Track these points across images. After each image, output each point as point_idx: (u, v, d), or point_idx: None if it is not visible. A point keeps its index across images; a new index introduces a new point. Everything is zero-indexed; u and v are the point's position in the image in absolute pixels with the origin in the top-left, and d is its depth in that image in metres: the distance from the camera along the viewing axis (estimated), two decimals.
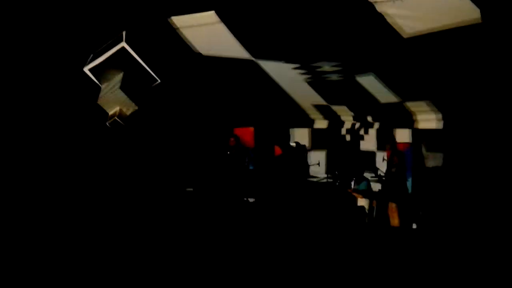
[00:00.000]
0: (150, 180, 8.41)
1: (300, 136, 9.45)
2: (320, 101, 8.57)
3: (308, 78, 7.92)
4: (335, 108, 8.76)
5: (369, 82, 7.53)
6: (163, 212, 7.29)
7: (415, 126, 8.17)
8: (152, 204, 7.63)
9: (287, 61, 7.57)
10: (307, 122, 9.40)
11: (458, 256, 5.62)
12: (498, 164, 6.72)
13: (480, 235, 6.21)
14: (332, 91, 8.19)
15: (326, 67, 7.44)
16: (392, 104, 7.92)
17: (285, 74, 7.97)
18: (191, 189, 8.96)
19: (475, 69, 6.43)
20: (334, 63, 7.32)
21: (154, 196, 8.04)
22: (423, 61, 6.60)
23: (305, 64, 7.55)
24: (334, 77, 7.67)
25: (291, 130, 9.61)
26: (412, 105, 7.88)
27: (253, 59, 7.69)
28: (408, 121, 8.19)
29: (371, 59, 6.97)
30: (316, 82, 7.97)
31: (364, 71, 7.34)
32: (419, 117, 8.07)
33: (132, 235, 6.00)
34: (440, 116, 7.77)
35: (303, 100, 8.74)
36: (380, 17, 5.98)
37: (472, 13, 5.53)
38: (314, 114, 9.18)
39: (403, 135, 8.29)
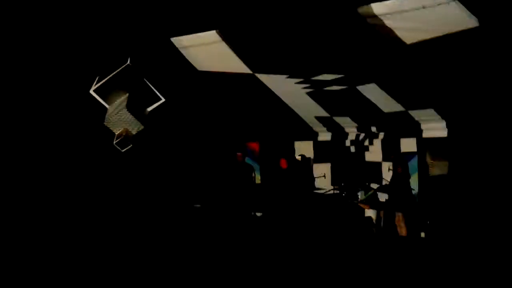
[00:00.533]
0: (158, 197, 8.53)
1: (304, 149, 9.38)
2: (322, 113, 8.59)
3: (308, 89, 7.87)
4: (338, 119, 8.78)
5: (371, 91, 7.50)
6: (171, 227, 7.41)
7: (422, 135, 8.14)
8: (160, 219, 7.77)
9: (289, 75, 7.57)
10: (310, 135, 9.44)
11: (466, 263, 5.64)
12: (502, 170, 6.76)
13: (487, 242, 6.23)
14: (334, 102, 8.18)
15: (326, 76, 7.35)
16: (396, 113, 7.91)
17: (284, 86, 7.96)
18: (199, 205, 9.03)
19: (476, 74, 6.38)
20: (335, 75, 7.26)
21: (163, 212, 8.17)
22: (425, 68, 6.54)
23: (306, 76, 7.51)
24: (335, 87, 7.58)
25: (295, 143, 9.57)
26: (417, 114, 7.87)
27: (252, 73, 7.70)
28: (414, 130, 8.17)
29: (372, 68, 6.86)
30: (316, 93, 7.95)
31: (365, 81, 7.29)
32: (425, 126, 8.05)
33: (140, 250, 6.12)
34: (444, 124, 7.76)
35: (305, 112, 8.75)
36: (380, 27, 5.91)
37: (469, 21, 5.53)
38: (317, 126, 9.23)
39: (409, 145, 8.26)
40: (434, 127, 7.92)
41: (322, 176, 9.04)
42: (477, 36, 5.64)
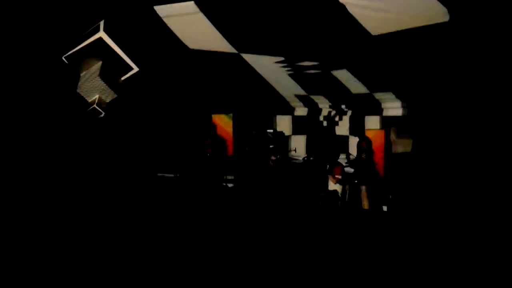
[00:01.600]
0: (127, 166, 8.32)
1: (283, 122, 9.90)
2: (301, 91, 9.10)
3: (289, 71, 8.41)
4: (314, 97, 9.28)
5: (343, 76, 8.09)
6: (142, 197, 7.29)
7: (383, 114, 8.66)
8: (128, 189, 7.58)
9: (272, 54, 7.94)
10: (288, 109, 9.87)
11: (425, 235, 5.94)
12: (458, 149, 7.00)
13: (445, 215, 6.51)
14: (311, 83, 8.70)
15: (306, 63, 7.97)
16: (362, 94, 8.51)
17: (268, 67, 8.36)
18: (172, 175, 9.00)
19: (433, 63, 6.88)
20: (313, 62, 7.87)
21: (131, 182, 7.99)
22: (388, 57, 7.07)
23: (288, 60, 8.04)
24: (313, 71, 8.18)
25: (276, 117, 9.96)
26: (379, 95, 8.46)
27: (237, 52, 7.94)
28: (377, 109, 8.71)
29: (345, 57, 7.50)
30: (297, 74, 8.48)
31: (338, 67, 7.89)
32: (386, 105, 8.61)
33: (108, 220, 6.09)
34: (400, 104, 8.33)
35: (285, 90, 9.23)
36: (352, 19, 6.40)
37: (440, 14, 5.93)
38: (294, 102, 9.64)
39: (373, 122, 8.71)
40: (395, 107, 8.46)
41: (293, 150, 9.50)
42: (439, 28, 6.09)
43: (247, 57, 8.08)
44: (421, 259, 5.15)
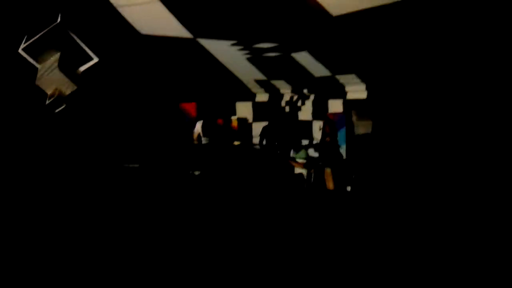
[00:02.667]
0: (92, 158, 8.25)
1: (244, 109, 9.83)
2: (261, 76, 8.91)
3: (247, 55, 8.19)
4: (274, 82, 9.14)
5: (303, 58, 7.92)
6: (107, 189, 7.22)
7: (346, 97, 8.69)
8: (93, 180, 7.50)
9: (227, 39, 7.75)
10: (249, 95, 9.79)
11: (388, 216, 6.17)
12: (417, 131, 7.39)
13: (405, 195, 6.77)
14: (271, 67, 8.51)
15: (264, 45, 7.76)
16: (324, 77, 8.39)
17: (225, 51, 8.09)
18: (136, 165, 8.64)
19: (395, 44, 6.87)
20: (271, 44, 7.69)
21: (95, 173, 7.86)
22: (349, 38, 7.00)
23: (244, 43, 7.83)
24: (272, 54, 7.95)
25: (236, 104, 9.93)
26: (341, 78, 8.38)
27: (193, 37, 7.78)
28: (340, 92, 8.73)
29: (304, 38, 7.37)
30: (255, 58, 8.25)
31: (298, 49, 7.69)
32: (349, 88, 8.64)
33: (75, 212, 6.04)
34: (364, 87, 8.36)
35: (245, 75, 9.00)
36: None
37: None
38: (255, 88, 9.51)
39: (336, 105, 8.76)
40: (356, 89, 8.51)
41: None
42: (397, 8, 6.01)
43: (204, 42, 7.91)
44: (384, 239, 5.31)
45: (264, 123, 9.63)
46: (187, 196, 7.26)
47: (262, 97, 9.78)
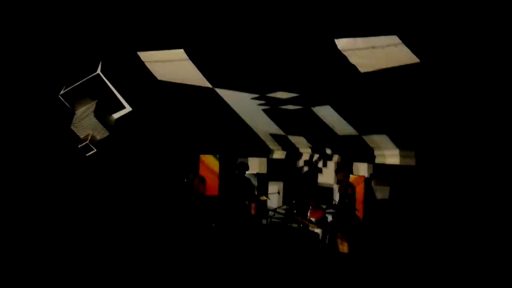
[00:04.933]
0: (114, 203, 8.53)
1: (257, 166, 9.64)
2: (277, 130, 8.72)
3: (264, 106, 7.94)
4: (293, 138, 8.94)
5: (326, 113, 7.66)
6: (128, 236, 7.63)
7: (376, 161, 8.47)
8: (117, 226, 7.88)
9: (244, 90, 7.63)
10: (264, 151, 9.62)
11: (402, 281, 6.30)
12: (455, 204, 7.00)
13: (423, 264, 6.59)
14: (289, 121, 8.34)
15: (282, 94, 7.48)
16: (350, 136, 8.12)
17: (241, 101, 7.98)
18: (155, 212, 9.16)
19: (430, 106, 6.72)
20: (290, 94, 7.44)
21: (120, 219, 8.22)
22: (378, 95, 6.84)
23: (262, 93, 7.59)
24: (290, 106, 7.71)
25: (249, 159, 9.67)
26: (370, 139, 8.13)
27: (212, 87, 7.74)
28: (368, 155, 8.47)
29: (327, 90, 7.07)
30: (272, 110, 8.09)
31: (320, 102, 7.49)
32: (378, 152, 8.35)
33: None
34: (398, 152, 8.11)
35: (260, 129, 8.86)
36: (338, 52, 6.08)
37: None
38: (272, 144, 9.35)
39: (361, 169, 8.57)
40: (387, 154, 8.27)
41: (277, 192, 9.29)
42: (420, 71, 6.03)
43: (221, 92, 7.89)
44: None
45: (279, 183, 9.43)
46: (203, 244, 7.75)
47: (279, 154, 9.64)
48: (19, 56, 7.49)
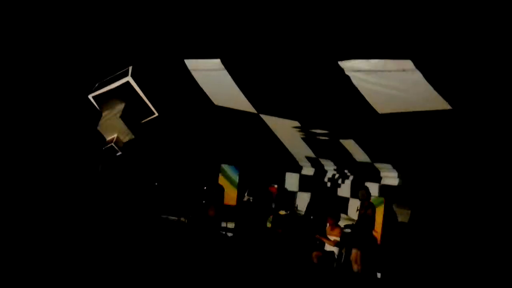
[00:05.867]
0: (133, 206, 8.35)
1: (291, 179, 10.58)
2: (311, 153, 9.72)
3: (303, 135, 8.97)
4: (321, 160, 9.95)
5: (349, 145, 8.68)
6: (145, 239, 7.27)
7: (381, 182, 9.12)
8: (132, 228, 7.59)
9: (287, 118, 8.41)
10: (296, 168, 10.54)
11: None
12: (450, 221, 7.42)
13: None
14: (321, 147, 9.30)
15: (318, 130, 8.57)
16: (364, 163, 9.05)
17: (284, 128, 8.88)
18: (175, 218, 9.17)
19: (432, 143, 7.35)
20: (324, 130, 8.49)
21: (135, 221, 8.00)
22: (390, 133, 7.55)
23: (303, 126, 8.61)
24: (323, 138, 8.78)
25: (286, 173, 10.62)
26: (379, 165, 9.03)
27: (257, 113, 8.40)
28: (376, 177, 9.22)
29: (352, 129, 8.07)
30: (309, 139, 9.07)
31: (346, 137, 8.45)
32: (384, 174, 9.12)
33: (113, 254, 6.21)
34: (397, 174, 8.85)
35: (296, 151, 9.82)
36: (361, 96, 6.77)
37: (441, 104, 6.25)
38: (302, 162, 10.29)
39: (372, 188, 8.79)
40: (389, 176, 8.98)
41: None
42: (441, 115, 6.44)
43: (265, 117, 8.62)
44: None
45: (307, 194, 10.33)
46: (218, 256, 7.37)
47: (308, 170, 10.50)
48: (57, 55, 7.08)
